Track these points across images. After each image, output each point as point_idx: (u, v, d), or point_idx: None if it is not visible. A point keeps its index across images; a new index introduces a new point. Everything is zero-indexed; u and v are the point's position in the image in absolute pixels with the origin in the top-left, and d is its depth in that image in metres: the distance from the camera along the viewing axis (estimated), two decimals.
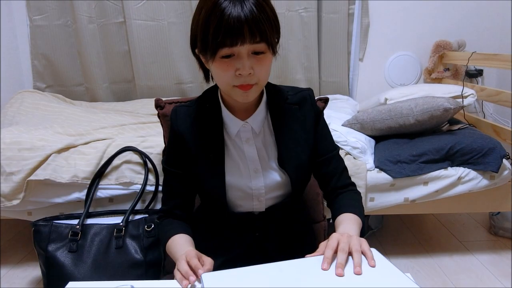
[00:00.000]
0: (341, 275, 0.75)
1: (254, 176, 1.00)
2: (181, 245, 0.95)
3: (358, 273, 0.76)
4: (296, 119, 1.01)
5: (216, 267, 0.83)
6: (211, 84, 1.01)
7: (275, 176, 1.01)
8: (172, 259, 0.95)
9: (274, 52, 0.90)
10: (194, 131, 0.99)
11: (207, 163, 0.99)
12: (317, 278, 0.76)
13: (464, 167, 1.76)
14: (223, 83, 0.90)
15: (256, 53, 0.86)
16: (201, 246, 0.96)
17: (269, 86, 1.01)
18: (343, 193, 1.05)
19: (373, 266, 0.78)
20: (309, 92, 1.06)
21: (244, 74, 0.85)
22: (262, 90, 0.99)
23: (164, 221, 1.06)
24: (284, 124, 1.00)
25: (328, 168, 1.05)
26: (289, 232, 1.08)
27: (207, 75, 0.99)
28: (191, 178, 1.02)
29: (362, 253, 0.81)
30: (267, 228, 1.05)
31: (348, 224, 0.93)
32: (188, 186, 1.04)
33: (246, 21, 0.80)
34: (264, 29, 0.83)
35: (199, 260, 0.83)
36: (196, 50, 0.92)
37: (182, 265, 0.82)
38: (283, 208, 1.05)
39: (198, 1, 0.88)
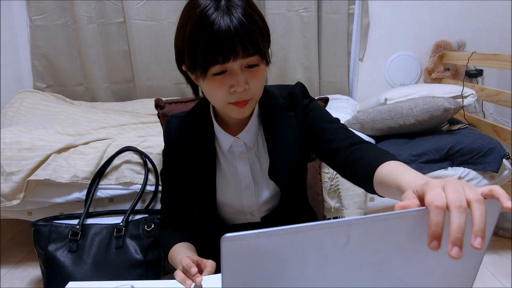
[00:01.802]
0: (459, 257, 0.45)
1: (246, 193, 0.97)
2: (180, 253, 0.94)
3: (479, 247, 0.45)
4: (290, 126, 0.96)
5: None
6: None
7: (267, 190, 0.98)
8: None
9: (267, 62, 0.84)
10: (186, 145, 0.96)
11: (198, 179, 0.97)
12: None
13: (464, 167, 1.76)
14: (217, 101, 0.85)
15: (250, 66, 0.80)
16: (200, 252, 0.96)
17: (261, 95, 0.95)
18: (357, 146, 0.84)
19: (477, 248, 0.45)
20: (295, 88, 0.98)
21: (239, 91, 0.79)
22: None
23: (164, 231, 1.04)
24: (277, 134, 0.95)
25: (325, 135, 0.91)
26: None
27: (195, 90, 0.93)
28: (185, 187, 1.01)
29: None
30: None
31: (412, 171, 0.65)
32: (185, 194, 1.02)
33: (237, 35, 0.74)
34: (256, 40, 0.77)
35: (200, 264, 0.82)
36: (183, 67, 0.86)
37: (177, 274, 0.81)
38: (280, 215, 1.02)
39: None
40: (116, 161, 1.65)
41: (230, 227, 1.02)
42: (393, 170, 0.68)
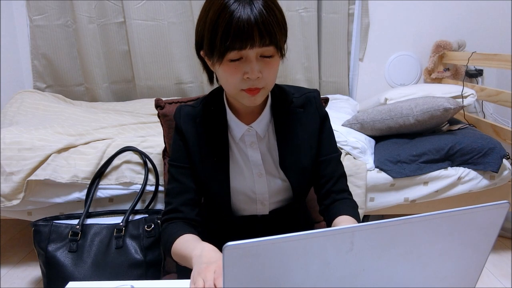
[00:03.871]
0: None
1: (258, 180, 0.99)
2: (191, 241, 0.87)
3: None
4: (300, 122, 1.00)
5: None
6: (215, 86, 0.99)
7: (279, 180, 1.00)
8: (181, 262, 0.88)
9: (282, 55, 0.88)
10: (197, 133, 0.98)
11: (211, 166, 0.97)
12: None
13: (464, 167, 1.76)
14: (230, 87, 0.88)
15: (264, 56, 0.84)
16: (205, 240, 0.95)
17: (274, 89, 0.99)
18: (340, 200, 1.01)
19: None
20: (314, 94, 1.04)
21: (253, 78, 0.83)
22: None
23: (169, 225, 0.96)
24: (288, 128, 0.99)
25: (326, 170, 1.02)
26: (291, 232, 1.07)
27: (211, 77, 0.97)
28: (197, 175, 0.99)
29: None
30: (270, 230, 1.05)
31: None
32: (196, 181, 0.99)
33: (256, 24, 0.79)
34: (274, 32, 0.81)
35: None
36: (201, 52, 0.90)
37: (208, 277, 0.71)
38: (287, 211, 1.05)
39: (200, 1, 0.85)
40: (116, 161, 1.65)
41: (238, 218, 1.03)
42: (339, 220, 0.94)
